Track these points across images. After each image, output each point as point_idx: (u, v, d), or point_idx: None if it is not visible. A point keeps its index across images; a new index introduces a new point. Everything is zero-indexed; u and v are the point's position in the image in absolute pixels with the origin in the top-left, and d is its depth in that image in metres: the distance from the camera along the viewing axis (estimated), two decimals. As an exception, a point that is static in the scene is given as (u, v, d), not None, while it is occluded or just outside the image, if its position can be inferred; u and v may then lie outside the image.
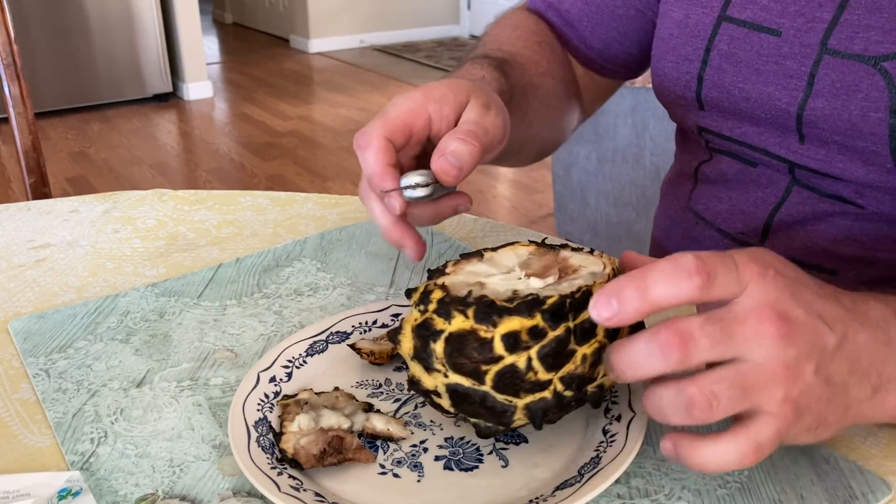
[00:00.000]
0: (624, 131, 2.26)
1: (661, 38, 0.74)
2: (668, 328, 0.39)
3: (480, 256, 0.51)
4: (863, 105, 0.59)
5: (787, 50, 0.63)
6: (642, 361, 0.40)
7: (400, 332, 0.47)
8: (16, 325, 0.64)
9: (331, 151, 3.80)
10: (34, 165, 1.31)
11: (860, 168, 0.62)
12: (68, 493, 0.47)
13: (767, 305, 0.40)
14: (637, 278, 0.40)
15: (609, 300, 0.40)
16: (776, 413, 0.40)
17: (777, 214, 0.69)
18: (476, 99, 0.58)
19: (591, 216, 2.46)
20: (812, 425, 0.42)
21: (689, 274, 0.39)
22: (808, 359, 0.41)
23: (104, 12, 4.34)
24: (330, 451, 0.47)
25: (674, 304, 0.40)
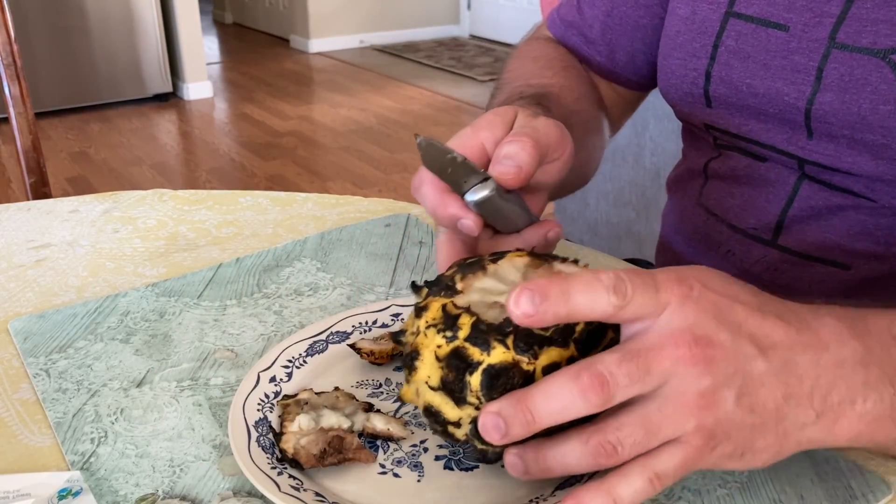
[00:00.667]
0: (624, 131, 2.26)
1: (668, 36, 0.74)
2: (588, 370, 0.38)
3: (483, 269, 0.48)
4: (872, 98, 0.59)
5: (796, 45, 0.63)
6: (564, 406, 0.39)
7: (416, 357, 0.44)
8: (16, 325, 0.64)
9: (331, 151, 3.80)
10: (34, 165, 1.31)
11: (869, 162, 0.61)
12: (68, 493, 0.47)
13: (685, 330, 0.39)
14: (561, 283, 0.39)
15: (533, 297, 0.38)
16: (684, 442, 0.39)
17: (790, 209, 0.69)
18: (523, 112, 0.57)
19: (591, 216, 2.46)
20: (735, 453, 0.41)
21: (607, 290, 0.39)
22: (728, 386, 0.39)
23: (104, 12, 4.34)
24: (330, 451, 0.47)
25: (589, 316, 0.39)
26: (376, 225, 0.81)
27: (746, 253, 0.72)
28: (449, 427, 0.44)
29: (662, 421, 0.39)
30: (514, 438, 0.40)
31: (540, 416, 0.39)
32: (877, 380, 0.42)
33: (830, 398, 0.41)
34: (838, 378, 0.41)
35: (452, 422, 0.43)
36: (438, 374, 0.43)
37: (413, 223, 0.81)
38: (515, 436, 0.40)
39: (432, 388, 0.44)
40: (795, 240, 0.69)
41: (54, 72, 4.26)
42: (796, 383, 0.41)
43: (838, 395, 0.41)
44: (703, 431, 0.39)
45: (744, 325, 0.40)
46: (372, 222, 0.81)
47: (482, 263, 0.48)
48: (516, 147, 0.52)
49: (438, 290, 0.46)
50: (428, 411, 0.44)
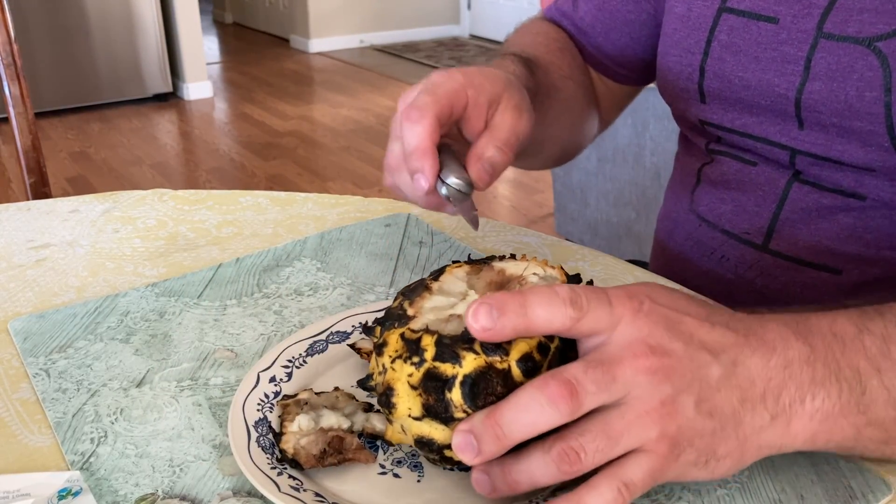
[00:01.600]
0: (624, 131, 2.26)
1: (665, 34, 0.75)
2: (556, 378, 0.39)
3: (427, 288, 0.48)
4: (858, 85, 0.60)
5: (785, 36, 0.64)
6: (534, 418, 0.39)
7: (392, 394, 0.43)
8: (16, 325, 0.64)
9: (331, 151, 3.80)
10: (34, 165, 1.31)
11: (858, 150, 0.62)
12: (68, 492, 0.47)
13: (640, 341, 0.40)
14: (518, 296, 0.40)
15: (491, 311, 0.39)
16: (649, 450, 0.40)
17: (781, 213, 0.69)
18: (509, 99, 0.57)
19: (591, 216, 2.46)
20: (699, 460, 0.41)
21: (564, 303, 0.40)
22: (688, 392, 0.40)
23: (104, 12, 4.34)
24: (330, 451, 0.47)
25: (547, 329, 0.40)
26: (376, 225, 0.81)
27: (740, 258, 0.73)
28: (445, 452, 0.44)
29: (624, 428, 0.39)
30: (488, 456, 0.40)
31: (510, 430, 0.39)
32: (823, 377, 0.43)
33: (782, 399, 0.42)
34: (787, 378, 0.42)
35: (446, 445, 0.43)
36: (419, 403, 0.43)
37: (413, 223, 0.81)
38: (488, 453, 0.40)
39: (417, 419, 0.43)
40: (787, 244, 0.69)
41: (54, 72, 4.26)
42: (749, 386, 0.41)
43: (788, 395, 0.42)
44: (666, 439, 0.40)
45: (695, 334, 0.41)
46: (372, 222, 0.81)
47: (425, 284, 0.48)
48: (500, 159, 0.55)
49: (391, 324, 0.46)
50: (420, 443, 0.44)
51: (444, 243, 0.77)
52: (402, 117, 0.54)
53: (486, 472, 0.42)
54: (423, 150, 0.53)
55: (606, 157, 2.34)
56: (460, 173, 0.54)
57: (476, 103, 0.56)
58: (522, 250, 0.76)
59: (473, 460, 0.40)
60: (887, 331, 0.44)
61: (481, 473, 0.42)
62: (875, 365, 0.44)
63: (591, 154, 2.37)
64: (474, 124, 0.57)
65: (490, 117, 0.57)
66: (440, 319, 0.45)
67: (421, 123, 0.53)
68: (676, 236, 0.81)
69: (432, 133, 0.53)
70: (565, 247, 0.77)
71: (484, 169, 0.55)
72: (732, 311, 0.45)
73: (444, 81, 0.55)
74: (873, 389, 0.43)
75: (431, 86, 0.55)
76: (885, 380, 0.43)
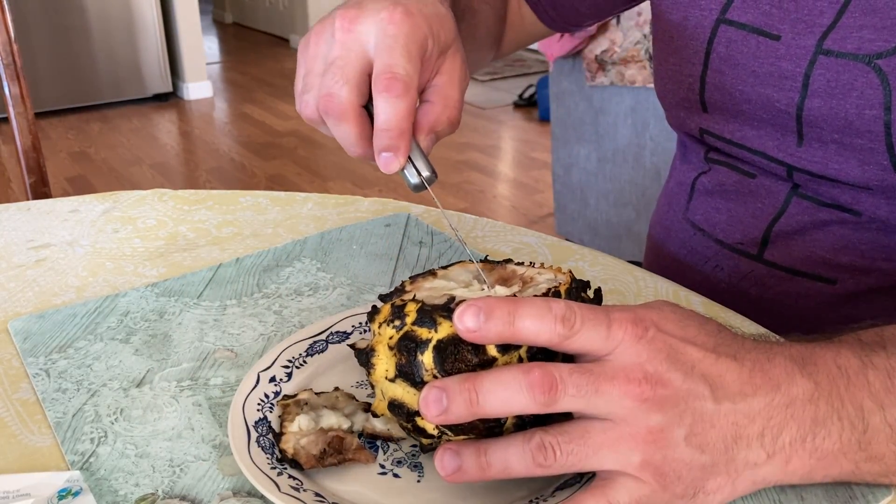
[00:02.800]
0: (624, 131, 2.26)
1: (661, 40, 0.74)
2: (541, 368, 0.39)
3: (433, 274, 0.49)
4: (858, 103, 0.59)
5: (784, 51, 0.63)
6: (509, 396, 0.39)
7: (372, 355, 0.44)
8: (16, 325, 0.64)
9: (331, 151, 3.80)
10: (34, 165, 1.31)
11: (856, 168, 0.62)
12: (68, 493, 0.47)
13: (638, 367, 0.40)
14: (510, 304, 0.39)
15: (478, 313, 0.39)
16: (636, 476, 0.40)
17: (776, 225, 0.69)
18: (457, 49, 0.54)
19: (591, 216, 2.46)
20: (686, 493, 0.41)
21: (555, 320, 0.39)
22: (679, 425, 0.40)
23: (104, 12, 4.34)
24: (330, 451, 0.47)
25: (533, 341, 0.40)
26: (376, 225, 0.81)
27: (734, 268, 0.72)
28: (416, 420, 0.44)
29: (604, 442, 0.39)
30: (451, 418, 0.39)
31: (485, 399, 0.39)
32: (825, 416, 0.42)
33: (782, 438, 0.42)
34: (789, 418, 0.42)
35: (417, 411, 0.43)
36: (393, 363, 0.43)
37: (413, 223, 0.81)
38: (454, 414, 0.39)
39: (391, 380, 0.44)
40: (781, 254, 0.69)
41: (54, 72, 4.26)
42: (747, 423, 0.41)
43: (789, 434, 0.42)
44: (651, 467, 0.40)
45: (697, 366, 0.41)
46: (372, 222, 0.81)
47: (433, 270, 0.50)
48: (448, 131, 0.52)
49: (389, 297, 0.47)
50: (392, 406, 0.44)
51: (443, 243, 0.77)
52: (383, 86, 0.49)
53: (456, 452, 0.41)
54: (402, 130, 0.49)
55: (606, 157, 2.34)
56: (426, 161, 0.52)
57: (432, 56, 0.52)
58: (522, 250, 0.76)
59: (437, 418, 0.39)
60: (890, 363, 0.44)
61: (451, 453, 0.41)
62: (878, 401, 0.43)
63: (591, 154, 2.37)
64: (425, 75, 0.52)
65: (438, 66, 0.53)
66: (432, 297, 0.46)
67: (404, 100, 0.49)
68: (671, 243, 0.80)
69: (413, 112, 0.50)
70: (565, 247, 0.77)
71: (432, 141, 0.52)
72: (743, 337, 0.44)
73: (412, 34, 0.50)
74: (875, 426, 0.43)
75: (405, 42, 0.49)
76: (887, 416, 0.43)
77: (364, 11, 0.51)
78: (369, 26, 0.50)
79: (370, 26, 0.50)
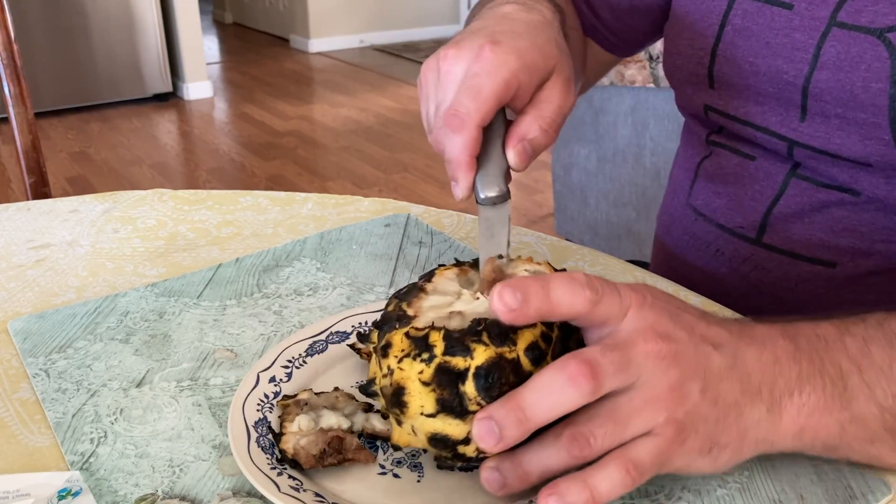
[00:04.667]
0: (624, 131, 2.26)
1: (675, 17, 0.75)
2: (576, 359, 0.39)
3: (422, 290, 0.48)
4: (865, 76, 0.60)
5: (798, 22, 0.64)
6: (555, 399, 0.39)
7: (403, 393, 0.43)
8: (16, 325, 0.64)
9: (331, 151, 3.80)
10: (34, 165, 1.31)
11: (858, 144, 0.62)
12: (68, 493, 0.47)
13: (649, 328, 0.41)
14: (540, 280, 0.41)
15: (515, 293, 0.40)
16: (657, 434, 0.40)
17: (775, 207, 0.70)
18: (560, 72, 0.54)
19: (591, 216, 2.46)
20: (703, 448, 0.42)
21: (581, 287, 0.40)
22: (694, 378, 0.41)
23: (104, 12, 4.34)
24: (330, 451, 0.47)
25: (568, 312, 0.41)
26: (376, 225, 0.81)
27: (734, 252, 0.73)
28: (458, 448, 0.43)
29: (633, 412, 0.40)
30: (510, 442, 0.40)
31: (533, 412, 0.39)
32: (808, 373, 0.44)
33: (774, 391, 0.44)
34: (777, 374, 0.44)
35: (462, 440, 0.43)
36: (432, 399, 0.42)
37: (413, 223, 0.81)
38: (510, 438, 0.40)
39: (430, 416, 0.43)
40: (780, 238, 0.70)
41: (54, 72, 4.26)
42: (747, 379, 0.43)
43: (778, 389, 0.44)
44: (673, 423, 0.41)
45: (695, 327, 0.43)
46: (372, 222, 0.81)
47: (418, 286, 0.48)
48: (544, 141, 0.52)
49: (392, 326, 0.45)
50: (434, 440, 0.43)
51: (443, 243, 0.77)
52: (444, 121, 0.51)
53: (496, 469, 0.42)
54: (460, 163, 0.51)
55: (606, 157, 2.34)
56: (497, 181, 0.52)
57: (527, 84, 0.52)
58: (522, 250, 0.76)
59: (495, 447, 0.40)
60: (867, 332, 0.46)
61: (492, 471, 0.42)
62: (856, 363, 0.45)
63: (591, 154, 2.37)
64: (521, 101, 0.53)
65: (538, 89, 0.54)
66: (442, 317, 0.45)
67: (461, 134, 0.50)
68: (674, 231, 0.81)
69: (471, 146, 0.51)
70: (565, 247, 0.77)
71: (525, 150, 0.52)
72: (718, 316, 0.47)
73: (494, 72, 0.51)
74: (854, 386, 0.45)
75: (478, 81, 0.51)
76: (865, 377, 0.45)
77: (460, 51, 0.53)
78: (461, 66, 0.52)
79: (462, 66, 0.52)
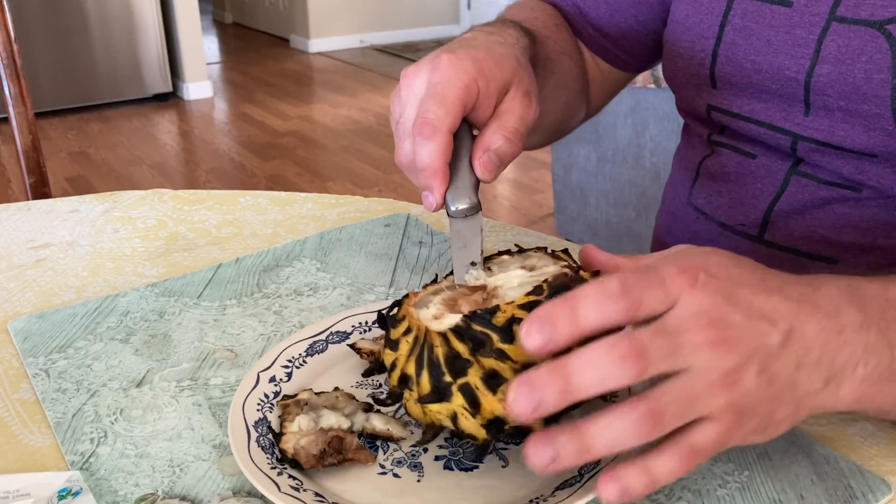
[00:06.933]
0: (624, 131, 2.26)
1: (675, 21, 0.75)
2: (628, 338, 0.39)
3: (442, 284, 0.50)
4: (867, 68, 0.61)
5: (798, 19, 0.65)
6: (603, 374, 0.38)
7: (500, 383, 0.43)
8: (16, 325, 0.64)
9: (331, 151, 3.80)
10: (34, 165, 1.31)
11: (862, 135, 0.63)
12: (68, 493, 0.47)
13: (701, 315, 0.40)
14: (567, 304, 0.39)
15: (542, 326, 0.39)
16: (717, 419, 0.40)
17: (776, 205, 0.70)
18: (519, 84, 0.56)
19: (591, 216, 2.46)
20: (759, 427, 0.42)
21: (615, 298, 0.39)
22: (749, 362, 0.41)
23: (104, 12, 4.34)
24: (330, 451, 0.47)
25: (603, 328, 0.39)
26: (376, 225, 0.81)
27: (735, 250, 0.73)
28: None
29: (697, 395, 0.40)
30: (544, 413, 0.39)
31: (578, 384, 0.38)
32: (876, 342, 0.44)
33: (836, 363, 0.43)
34: (842, 344, 0.43)
35: None
36: None
37: (413, 223, 0.81)
38: (548, 406, 0.38)
39: None
40: (782, 235, 0.70)
41: (54, 72, 4.26)
42: (805, 353, 0.42)
43: (842, 360, 0.43)
44: (732, 408, 0.40)
45: (752, 304, 0.42)
46: (372, 222, 0.81)
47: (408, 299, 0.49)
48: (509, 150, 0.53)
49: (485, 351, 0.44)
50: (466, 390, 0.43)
51: (443, 243, 0.77)
52: (414, 130, 0.52)
53: (549, 441, 0.39)
54: (434, 170, 0.51)
55: (606, 157, 2.34)
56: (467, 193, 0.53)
57: (486, 93, 0.54)
58: (522, 250, 0.76)
59: (530, 415, 0.38)
60: None
61: (543, 444, 0.40)
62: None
63: (591, 154, 2.37)
64: (483, 112, 0.54)
65: (498, 103, 0.55)
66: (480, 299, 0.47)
67: (433, 141, 0.51)
68: (674, 230, 0.81)
69: (444, 152, 0.51)
70: (565, 247, 0.77)
71: (490, 160, 0.53)
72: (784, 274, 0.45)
73: (453, 78, 0.52)
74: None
75: (441, 88, 0.52)
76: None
77: (419, 66, 0.55)
78: (421, 78, 0.54)
79: (422, 78, 0.54)
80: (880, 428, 0.52)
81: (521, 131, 0.54)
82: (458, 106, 0.52)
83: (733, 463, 0.49)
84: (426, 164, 0.51)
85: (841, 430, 0.52)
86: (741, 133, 0.72)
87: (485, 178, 0.53)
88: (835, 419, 0.53)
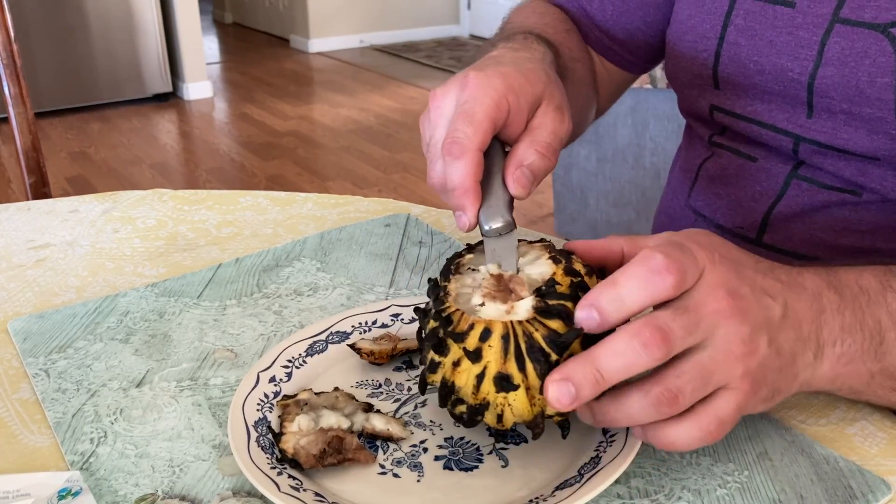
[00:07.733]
0: (624, 131, 2.26)
1: (678, 21, 0.75)
2: (649, 326, 0.41)
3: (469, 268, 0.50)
4: (870, 71, 0.60)
5: (801, 20, 0.64)
6: (629, 362, 0.41)
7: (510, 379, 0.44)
8: (16, 325, 0.64)
9: (331, 151, 3.80)
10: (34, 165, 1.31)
11: (864, 138, 0.63)
12: (68, 493, 0.47)
13: (720, 286, 0.43)
14: (613, 287, 0.42)
15: (590, 312, 0.42)
16: (735, 388, 0.43)
17: (776, 208, 0.70)
18: (551, 98, 0.55)
19: (591, 216, 2.46)
20: (768, 395, 0.45)
21: (663, 275, 0.41)
22: (761, 332, 0.43)
23: (104, 12, 4.34)
24: (330, 451, 0.47)
25: (651, 305, 0.42)
26: (376, 225, 0.81)
27: None
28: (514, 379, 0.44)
29: (715, 367, 0.42)
30: (584, 400, 0.42)
31: (609, 374, 0.41)
32: (850, 325, 0.47)
33: (820, 340, 0.46)
34: (822, 324, 0.46)
35: None
36: None
37: (413, 223, 0.81)
38: (585, 397, 0.42)
39: None
40: (781, 238, 0.70)
41: (54, 72, 4.26)
42: (799, 327, 0.45)
43: (822, 338, 0.46)
44: (749, 376, 0.43)
45: (755, 280, 0.45)
46: (372, 222, 0.81)
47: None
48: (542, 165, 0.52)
49: None
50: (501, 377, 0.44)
51: (443, 243, 0.77)
52: (444, 150, 0.51)
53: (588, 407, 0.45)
54: (465, 189, 0.51)
55: (606, 158, 2.34)
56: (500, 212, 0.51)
57: (517, 109, 0.53)
58: (522, 250, 0.76)
59: (571, 405, 0.42)
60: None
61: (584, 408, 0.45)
62: (894, 319, 0.48)
63: (591, 154, 2.37)
64: (514, 129, 0.54)
65: (530, 118, 0.55)
66: None
67: (463, 160, 0.50)
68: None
69: (474, 170, 0.51)
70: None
71: (524, 175, 0.52)
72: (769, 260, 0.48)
73: (482, 96, 0.52)
74: (890, 341, 0.48)
75: (470, 107, 0.51)
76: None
77: (447, 86, 0.55)
78: (450, 99, 0.54)
79: (450, 98, 0.54)
80: (880, 428, 0.52)
81: (554, 146, 0.53)
82: (488, 123, 0.51)
83: (733, 463, 0.49)
84: (457, 183, 0.51)
85: (841, 430, 0.52)
86: (743, 134, 0.72)
87: (518, 195, 0.52)
88: (834, 419, 0.53)
